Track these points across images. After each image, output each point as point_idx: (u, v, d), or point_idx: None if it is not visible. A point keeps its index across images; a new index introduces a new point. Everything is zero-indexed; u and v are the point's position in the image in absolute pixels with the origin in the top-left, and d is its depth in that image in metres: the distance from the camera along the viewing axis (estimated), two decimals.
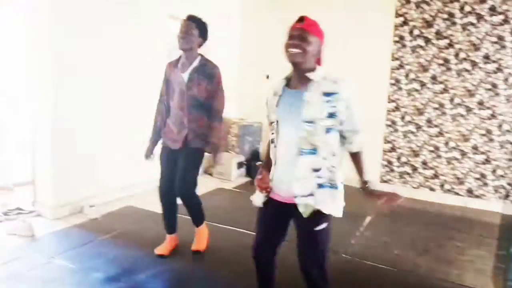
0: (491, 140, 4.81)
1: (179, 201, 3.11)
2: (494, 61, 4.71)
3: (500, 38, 4.66)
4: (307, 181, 1.88)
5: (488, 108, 4.79)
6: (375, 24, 5.25)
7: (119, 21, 4.13)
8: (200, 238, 3.22)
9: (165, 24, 4.80)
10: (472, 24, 4.77)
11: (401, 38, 5.16)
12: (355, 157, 1.99)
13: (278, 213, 2.01)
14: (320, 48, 1.93)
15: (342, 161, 1.98)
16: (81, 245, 3.22)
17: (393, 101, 5.30)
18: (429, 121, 5.12)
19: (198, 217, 3.19)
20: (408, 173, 5.32)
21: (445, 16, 4.89)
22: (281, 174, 1.94)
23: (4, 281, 2.63)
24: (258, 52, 5.96)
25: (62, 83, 3.65)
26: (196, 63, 2.93)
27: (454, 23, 4.86)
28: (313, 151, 1.87)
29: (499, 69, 4.69)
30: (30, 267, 2.82)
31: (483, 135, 4.85)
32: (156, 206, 4.14)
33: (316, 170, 1.88)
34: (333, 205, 1.90)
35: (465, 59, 4.85)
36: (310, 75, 1.89)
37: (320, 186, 1.88)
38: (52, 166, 3.68)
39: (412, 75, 5.14)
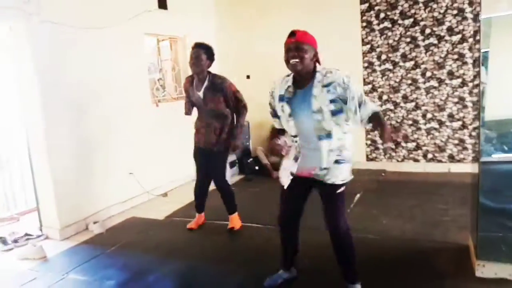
0: (465, 106, 5.07)
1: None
2: (458, 33, 4.96)
3: (460, 10, 4.90)
4: (328, 159, 2.32)
5: (458, 77, 5.04)
6: (344, 13, 5.48)
7: (99, 44, 4.32)
8: (234, 220, 3.84)
9: (142, 41, 5.01)
10: (433, 0, 5.01)
11: (369, 23, 5.40)
12: (376, 118, 2.28)
13: (301, 189, 2.49)
14: (316, 52, 2.30)
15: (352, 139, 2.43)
16: (91, 259, 3.43)
17: (369, 83, 5.54)
18: (405, 97, 5.36)
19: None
20: (392, 149, 5.56)
21: None
22: (306, 158, 2.38)
23: None
24: (237, 54, 6.19)
25: (51, 104, 3.81)
26: (206, 82, 3.55)
27: (416, 2, 5.10)
28: (329, 135, 2.30)
29: (463, 39, 4.94)
30: (47, 285, 3.03)
31: (457, 102, 5.10)
32: (157, 214, 4.40)
33: (332, 150, 2.32)
34: (341, 176, 2.35)
35: (430, 34, 5.09)
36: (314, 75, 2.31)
37: (336, 162, 2.34)
38: (54, 190, 3.87)
39: (383, 56, 5.38)
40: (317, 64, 2.33)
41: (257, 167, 5.81)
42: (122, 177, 4.63)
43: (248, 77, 6.24)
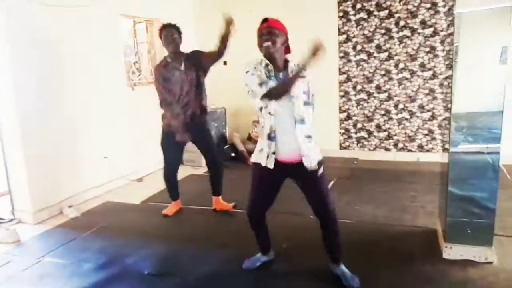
0: (435, 98, 5.27)
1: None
2: (430, 26, 5.13)
3: (434, 4, 5.06)
4: (305, 145, 2.39)
5: (429, 69, 5.23)
6: (321, 2, 5.55)
7: (74, 25, 4.21)
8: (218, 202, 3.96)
9: (118, 23, 4.91)
10: None
11: (346, 13, 5.49)
12: None
13: (277, 177, 2.52)
14: (286, 38, 2.41)
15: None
16: (67, 243, 3.40)
17: (344, 73, 5.65)
18: (378, 87, 5.52)
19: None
20: (364, 138, 5.73)
21: None
22: (282, 142, 2.40)
23: (1, 284, 2.80)
24: (215, 39, 6.14)
25: (24, 87, 3.71)
26: (184, 56, 3.67)
27: None
28: (303, 121, 2.38)
29: (435, 33, 5.11)
30: (23, 268, 3.00)
31: (427, 94, 5.30)
32: (133, 198, 4.39)
33: (308, 136, 2.41)
34: (316, 157, 2.44)
35: (404, 26, 5.24)
36: (288, 61, 2.42)
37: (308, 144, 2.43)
38: (27, 173, 3.79)
39: (359, 47, 5.50)
40: (287, 53, 2.44)
41: (233, 154, 5.85)
42: (97, 161, 4.57)
43: (225, 63, 6.22)
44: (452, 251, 2.78)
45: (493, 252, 2.71)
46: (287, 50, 2.45)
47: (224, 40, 3.50)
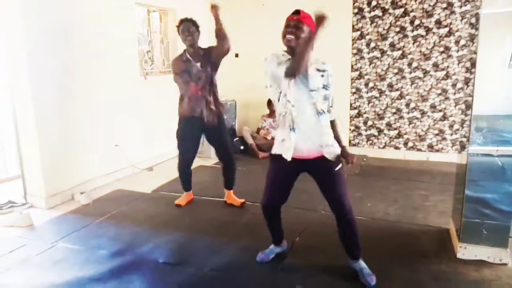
0: (447, 98, 5.26)
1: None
2: (445, 26, 5.11)
3: (450, 4, 5.04)
4: (328, 135, 2.41)
5: (442, 69, 5.21)
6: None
7: (89, 12, 4.20)
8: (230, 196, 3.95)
9: (133, 11, 4.89)
10: None
11: (360, 9, 5.46)
12: (333, 125, 2.50)
13: (294, 172, 2.52)
14: (313, 35, 2.27)
15: None
16: (80, 229, 3.42)
17: (356, 69, 5.64)
18: (390, 85, 5.51)
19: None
20: (374, 135, 5.73)
21: None
22: (303, 134, 2.37)
23: (16, 267, 2.82)
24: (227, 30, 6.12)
25: (39, 74, 3.71)
26: (201, 50, 3.68)
27: None
28: (323, 112, 2.40)
29: (450, 33, 5.10)
30: (37, 252, 3.01)
31: (439, 94, 5.29)
32: (144, 187, 4.40)
33: (328, 127, 2.44)
34: (337, 149, 2.45)
35: (419, 25, 5.22)
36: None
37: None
38: (41, 158, 3.80)
39: (372, 44, 5.48)
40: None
41: (242, 147, 5.86)
42: (108, 149, 4.58)
43: (236, 55, 6.22)
44: (466, 251, 2.79)
45: (508, 253, 2.72)
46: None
47: (218, 34, 3.48)
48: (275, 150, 2.51)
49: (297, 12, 2.33)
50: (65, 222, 3.59)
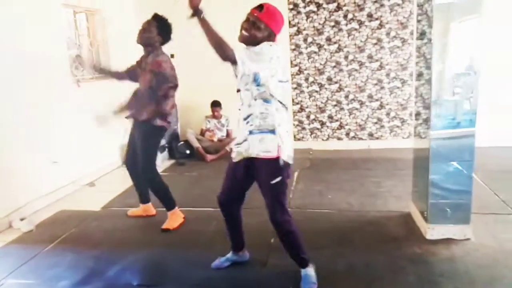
0: (382, 88, 5.56)
1: None
2: (376, 19, 5.38)
3: None
4: (240, 130, 2.27)
5: (376, 60, 5.49)
6: None
7: (10, 13, 3.71)
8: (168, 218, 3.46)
9: (59, 13, 4.44)
10: None
11: (295, 5, 5.54)
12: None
13: (246, 170, 2.35)
14: (271, 35, 2.21)
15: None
16: (29, 260, 3.01)
17: (296, 65, 5.72)
18: (329, 79, 5.68)
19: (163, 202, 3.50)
20: (317, 128, 5.88)
21: None
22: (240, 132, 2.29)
23: None
24: None
25: None
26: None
27: None
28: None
29: (381, 25, 5.38)
30: None
31: (375, 84, 5.57)
32: (90, 205, 4.03)
33: (245, 119, 2.25)
34: (267, 148, 2.20)
35: (352, 19, 5.43)
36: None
37: (250, 132, 2.24)
38: None
39: (309, 39, 5.60)
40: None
41: (188, 151, 5.65)
42: (45, 167, 4.11)
43: (172, 56, 5.95)
44: (434, 232, 2.95)
45: (470, 229, 2.93)
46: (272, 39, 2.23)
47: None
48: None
49: (261, 7, 2.18)
50: (7, 255, 3.14)
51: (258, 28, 2.16)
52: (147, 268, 2.81)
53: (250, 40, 2.17)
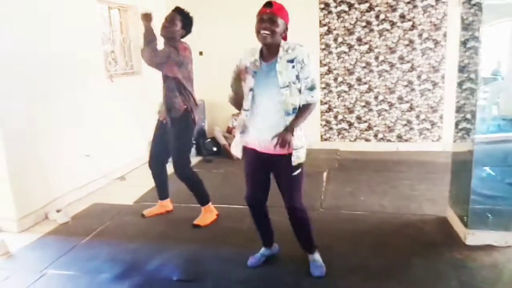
0: (413, 89, 5.48)
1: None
2: (409, 20, 5.30)
3: None
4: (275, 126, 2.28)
5: (408, 62, 5.42)
6: None
7: (46, 9, 3.77)
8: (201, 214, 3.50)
9: (94, 8, 4.49)
10: None
11: (326, 5, 5.50)
12: (305, 108, 2.31)
13: (262, 164, 2.44)
14: (286, 27, 2.27)
15: None
16: (67, 252, 3.06)
17: (325, 65, 5.68)
18: (359, 79, 5.62)
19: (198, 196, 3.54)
20: (345, 129, 5.83)
21: None
22: (267, 135, 2.28)
23: None
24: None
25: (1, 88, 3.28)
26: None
27: None
28: (295, 110, 2.29)
29: (413, 27, 5.30)
30: (26, 285, 2.64)
31: (406, 86, 5.50)
32: (123, 199, 4.08)
33: (290, 113, 2.29)
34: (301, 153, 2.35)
35: (384, 20, 5.37)
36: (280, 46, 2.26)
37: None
38: (9, 175, 3.36)
39: (340, 39, 5.55)
40: (282, 40, 2.30)
41: (215, 148, 5.67)
42: (78, 160, 4.17)
43: (201, 53, 5.99)
44: (474, 237, 2.90)
45: None
46: (284, 37, 2.31)
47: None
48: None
49: (269, 4, 2.20)
50: (46, 245, 3.20)
51: (276, 24, 2.18)
52: (184, 264, 2.84)
53: (273, 39, 2.19)
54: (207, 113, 6.04)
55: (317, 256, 2.63)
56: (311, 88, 2.29)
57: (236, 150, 2.51)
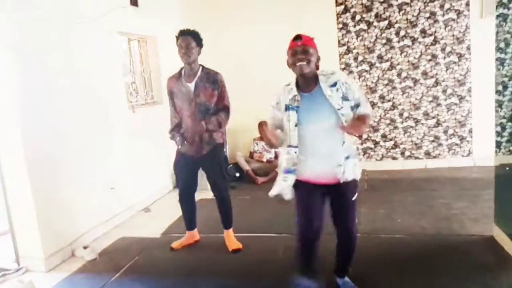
0: (439, 104, 5.34)
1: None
2: (430, 35, 5.21)
3: (432, 13, 5.16)
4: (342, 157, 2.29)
5: (431, 77, 5.30)
6: (320, 14, 5.47)
7: (71, 42, 3.78)
8: (230, 239, 3.50)
9: (116, 41, 4.51)
10: (406, 3, 5.22)
11: (345, 24, 5.46)
12: (364, 116, 2.30)
13: (319, 196, 2.38)
14: (319, 57, 2.30)
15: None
16: None
17: None
18: (382, 97, 5.51)
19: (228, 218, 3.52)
20: (370, 148, 5.68)
21: None
22: (324, 165, 2.30)
23: None
24: (210, 53, 5.88)
25: (28, 119, 3.25)
26: (200, 72, 3.29)
27: (390, 5, 5.26)
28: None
29: (436, 41, 5.20)
30: None
31: (431, 101, 5.36)
32: (150, 232, 3.97)
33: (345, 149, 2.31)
34: (356, 171, 2.38)
35: (405, 36, 5.29)
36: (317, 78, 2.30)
37: (347, 158, 2.30)
38: (36, 211, 3.28)
39: (360, 58, 5.48)
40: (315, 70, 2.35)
41: (237, 174, 5.56)
42: (103, 193, 4.10)
43: None
44: None
45: None
46: (317, 67, 2.32)
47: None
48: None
49: (299, 37, 2.26)
50: (75, 285, 3.09)
51: (310, 53, 2.22)
52: None
53: (310, 68, 2.22)
54: (228, 138, 5.95)
55: (347, 278, 2.64)
56: (364, 102, 2.33)
57: (286, 193, 2.40)
